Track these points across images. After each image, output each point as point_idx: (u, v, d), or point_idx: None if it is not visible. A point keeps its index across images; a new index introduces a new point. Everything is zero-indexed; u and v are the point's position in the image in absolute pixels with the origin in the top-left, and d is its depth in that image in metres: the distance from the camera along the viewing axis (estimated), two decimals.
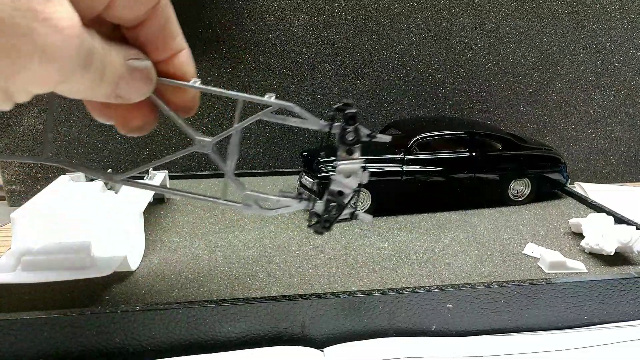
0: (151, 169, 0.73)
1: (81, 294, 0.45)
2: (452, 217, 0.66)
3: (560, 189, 0.75)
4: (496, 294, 0.45)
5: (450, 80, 0.87)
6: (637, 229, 0.56)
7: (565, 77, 0.90)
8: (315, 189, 0.64)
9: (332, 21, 0.82)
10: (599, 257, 0.54)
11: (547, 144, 0.81)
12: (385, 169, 0.64)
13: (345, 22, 0.82)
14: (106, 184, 0.67)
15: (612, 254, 0.52)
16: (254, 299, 0.42)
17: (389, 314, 0.44)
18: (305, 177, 0.68)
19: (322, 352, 0.42)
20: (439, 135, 0.67)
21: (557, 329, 0.47)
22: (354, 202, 0.36)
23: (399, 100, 0.87)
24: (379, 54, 0.84)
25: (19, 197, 0.83)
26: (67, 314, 0.39)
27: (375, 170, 0.64)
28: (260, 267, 0.51)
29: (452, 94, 0.88)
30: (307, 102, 0.85)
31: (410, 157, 0.66)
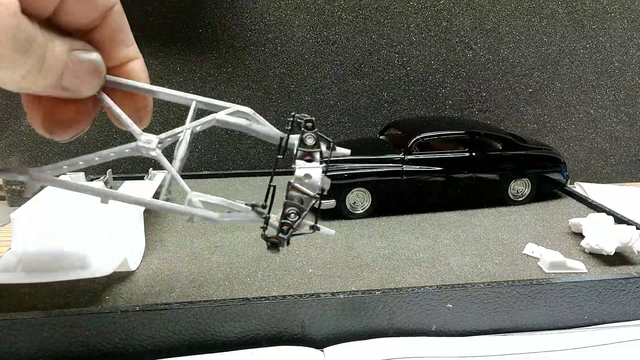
0: (151, 168, 0.73)
1: (81, 294, 0.45)
2: (452, 217, 0.66)
3: (560, 189, 0.75)
4: (496, 294, 0.45)
5: (450, 80, 0.87)
6: (637, 229, 0.56)
7: (565, 77, 0.90)
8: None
9: (332, 21, 0.82)
10: (599, 257, 0.54)
11: (547, 143, 0.81)
12: (385, 169, 0.64)
13: (345, 21, 0.82)
14: (106, 183, 0.67)
15: (612, 254, 0.52)
16: (254, 298, 0.42)
17: (389, 314, 0.44)
18: None
19: (322, 352, 0.42)
20: (439, 135, 0.67)
21: (557, 329, 0.47)
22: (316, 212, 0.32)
23: (399, 100, 0.87)
24: (379, 53, 0.84)
25: (19, 197, 0.83)
26: (67, 314, 0.39)
27: (375, 170, 0.64)
28: (260, 267, 0.51)
29: (452, 93, 0.88)
30: (307, 102, 0.85)
31: (410, 157, 0.66)
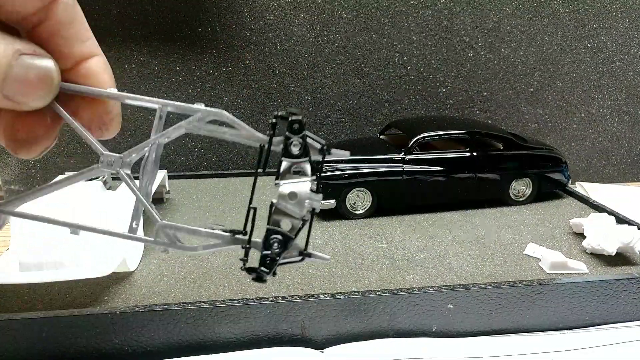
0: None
1: (80, 295, 0.45)
2: (453, 217, 0.66)
3: (561, 189, 0.75)
4: (497, 295, 0.45)
5: (451, 79, 0.87)
6: (639, 229, 0.56)
7: (566, 77, 0.89)
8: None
9: (332, 20, 0.82)
10: (600, 258, 0.54)
11: (548, 143, 0.81)
12: (385, 169, 0.64)
13: (345, 21, 0.82)
14: (105, 183, 0.67)
15: (613, 254, 0.52)
16: (253, 299, 0.42)
17: (389, 315, 0.43)
18: None
19: (322, 352, 0.42)
20: (439, 135, 0.67)
21: (559, 330, 0.46)
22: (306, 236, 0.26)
23: (399, 99, 0.87)
24: (380, 53, 0.84)
25: None
26: (65, 315, 0.39)
27: (375, 170, 0.63)
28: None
29: (453, 93, 0.88)
30: (307, 101, 0.85)
31: (410, 156, 0.65)
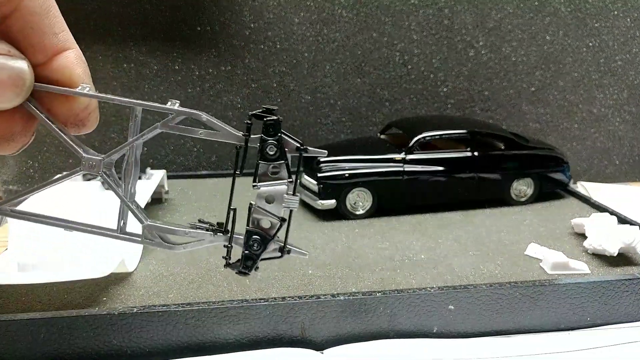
0: (148, 168, 0.73)
1: (78, 295, 0.45)
2: (454, 217, 0.65)
3: (562, 189, 0.74)
4: (498, 295, 0.44)
5: (451, 78, 0.87)
6: None
7: (568, 76, 0.89)
8: (315, 189, 0.63)
9: (332, 19, 0.81)
10: (602, 258, 0.53)
11: (550, 143, 0.81)
12: (386, 169, 0.64)
13: (345, 19, 0.82)
14: (103, 183, 0.67)
15: (615, 255, 0.52)
16: (253, 300, 0.42)
17: (389, 316, 0.43)
18: (305, 177, 0.67)
19: (322, 353, 0.42)
20: (440, 134, 0.67)
21: (560, 330, 0.46)
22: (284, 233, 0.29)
23: (400, 99, 0.86)
24: (380, 52, 0.84)
25: None
26: (64, 316, 0.39)
27: (376, 170, 0.63)
28: (259, 268, 0.50)
29: (454, 92, 0.87)
30: (307, 101, 0.85)
31: (411, 156, 0.65)
